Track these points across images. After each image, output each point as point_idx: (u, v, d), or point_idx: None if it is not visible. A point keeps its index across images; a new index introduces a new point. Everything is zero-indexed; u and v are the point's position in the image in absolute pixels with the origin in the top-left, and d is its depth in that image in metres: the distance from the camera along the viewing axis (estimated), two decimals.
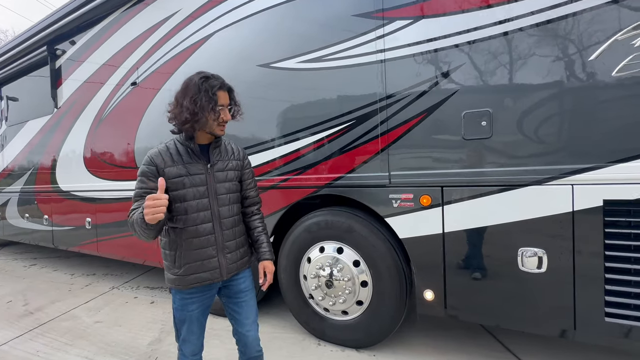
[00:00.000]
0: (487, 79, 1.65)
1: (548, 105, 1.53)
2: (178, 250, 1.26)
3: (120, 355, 2.14)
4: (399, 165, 1.86)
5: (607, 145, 1.43)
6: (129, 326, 2.56)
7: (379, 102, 1.91)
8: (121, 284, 3.58)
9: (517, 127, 1.59)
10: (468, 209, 1.69)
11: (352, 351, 2.10)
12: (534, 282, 1.58)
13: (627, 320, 1.42)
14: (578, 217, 1.47)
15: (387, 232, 1.99)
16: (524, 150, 1.58)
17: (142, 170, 1.24)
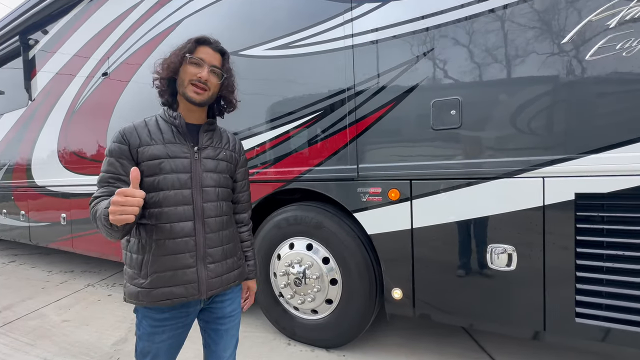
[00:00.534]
0: (457, 65, 1.54)
1: (518, 93, 1.43)
2: (146, 254, 0.97)
3: (81, 356, 2.06)
4: (368, 157, 1.77)
5: (580, 136, 1.33)
6: (97, 325, 2.47)
7: (347, 90, 1.81)
8: (97, 282, 3.49)
9: (487, 116, 1.49)
10: (437, 204, 1.60)
11: (322, 351, 2.02)
12: (504, 280, 1.50)
13: (599, 321, 1.34)
14: (549, 211, 1.38)
15: (356, 227, 1.90)
16: (493, 141, 1.48)
17: (111, 149, 0.97)
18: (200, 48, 1.04)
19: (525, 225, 1.43)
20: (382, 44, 1.70)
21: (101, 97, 3.09)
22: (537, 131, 1.40)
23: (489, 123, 1.49)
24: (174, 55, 1.03)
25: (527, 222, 1.42)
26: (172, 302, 0.98)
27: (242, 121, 2.20)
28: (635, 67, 1.23)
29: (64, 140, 3.47)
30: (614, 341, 1.33)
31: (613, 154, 1.27)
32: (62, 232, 3.56)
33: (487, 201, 1.50)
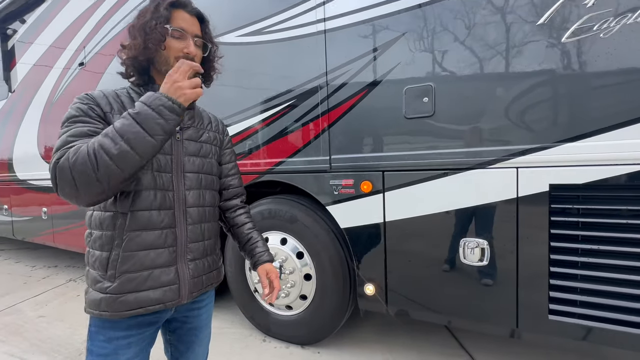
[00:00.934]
0: (431, 50, 1.46)
1: (492, 79, 1.35)
2: (114, 249, 0.80)
3: (51, 353, 2.01)
4: (340, 148, 1.69)
5: (555, 123, 1.26)
6: (71, 321, 2.42)
7: (319, 78, 1.72)
8: (79, 276, 3.44)
9: (460, 103, 1.41)
10: (410, 196, 1.53)
11: (297, 348, 1.97)
12: (477, 276, 1.43)
13: (574, 319, 1.28)
14: (523, 204, 1.31)
15: (330, 221, 1.83)
16: (466, 130, 1.41)
17: (78, 107, 0.78)
18: (175, 14, 0.85)
19: (498, 219, 1.36)
20: (354, 29, 1.62)
21: (78, 88, 3.00)
22: (510, 119, 1.32)
23: (461, 111, 1.41)
24: (148, 27, 0.82)
25: (501, 215, 1.35)
26: (145, 310, 0.80)
27: (215, 111, 2.12)
28: (612, 49, 1.15)
29: (43, 133, 3.39)
30: (592, 340, 1.27)
31: (589, 143, 1.20)
32: (44, 226, 3.50)
33: (460, 193, 1.43)
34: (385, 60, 1.55)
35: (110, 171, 0.68)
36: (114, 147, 0.67)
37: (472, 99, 1.39)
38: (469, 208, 1.41)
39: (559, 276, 1.29)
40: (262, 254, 1.04)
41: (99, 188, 0.69)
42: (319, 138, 1.74)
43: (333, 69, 1.68)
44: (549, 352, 1.80)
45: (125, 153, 0.68)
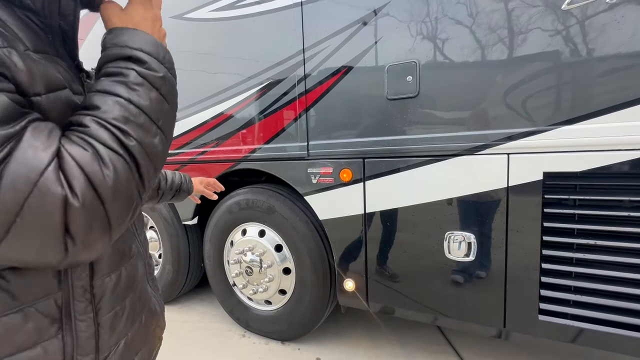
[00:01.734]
0: (414, 22, 1.31)
1: (481, 55, 1.21)
2: (97, 310, 0.51)
3: None
4: (318, 133, 1.56)
5: (550, 104, 1.12)
6: None
7: (296, 55, 1.57)
8: None
9: (447, 82, 1.27)
10: (391, 186, 1.40)
11: (277, 344, 1.89)
12: (462, 272, 1.32)
13: (565, 320, 1.17)
14: (513, 194, 1.19)
15: (309, 212, 1.71)
16: (454, 112, 1.27)
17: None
18: None
19: (486, 210, 1.24)
20: (332, 1, 1.46)
21: None
22: (502, 100, 1.18)
23: (448, 91, 1.27)
24: None
25: (489, 206, 1.23)
26: None
27: (186, 95, 1.97)
28: (619, 17, 1.00)
29: None
30: (584, 342, 1.16)
31: (588, 126, 1.06)
32: None
33: (445, 183, 1.30)
34: (366, 34, 1.40)
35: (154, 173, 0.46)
36: (159, 142, 0.46)
37: (459, 77, 1.25)
38: (455, 199, 1.28)
39: (551, 273, 1.18)
40: (184, 183, 1.00)
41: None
42: (296, 122, 1.60)
43: (311, 46, 1.53)
44: (537, 350, 1.71)
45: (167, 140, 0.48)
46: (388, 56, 1.36)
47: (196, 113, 1.94)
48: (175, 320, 2.18)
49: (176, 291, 2.31)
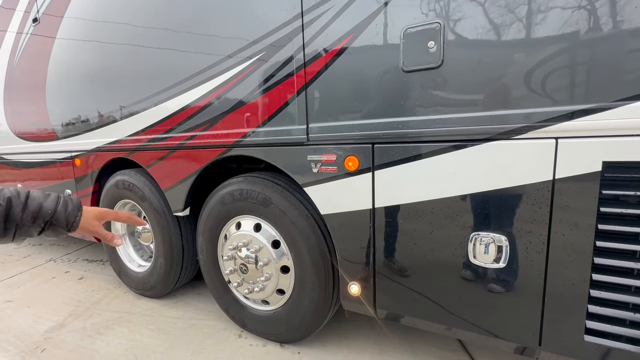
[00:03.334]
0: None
1: (525, 11, 0.94)
2: None
3: (4, 345, 1.83)
4: (320, 114, 1.33)
5: (616, 73, 0.86)
6: (39, 307, 2.24)
7: (293, 21, 1.32)
8: (60, 256, 3.27)
9: (478, 48, 1.01)
10: (406, 176, 1.18)
11: (275, 346, 1.73)
12: (490, 280, 1.11)
13: (618, 342, 0.96)
14: (561, 188, 0.95)
15: (310, 205, 1.51)
16: (487, 86, 1.02)
17: None
18: None
19: (524, 208, 1.01)
20: None
21: (36, 49, 2.63)
22: (549, 70, 0.93)
23: (480, 60, 1.01)
24: None
25: (528, 203, 1.00)
26: None
27: (170, 74, 1.75)
28: None
29: (8, 102, 3.08)
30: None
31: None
32: None
33: (472, 173, 1.07)
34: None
35: None
36: None
37: (495, 42, 0.99)
38: (485, 193, 1.05)
39: (604, 286, 0.95)
40: (56, 204, 0.70)
41: None
42: (294, 101, 1.37)
43: (310, 8, 1.27)
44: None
45: None
46: (405, 17, 1.10)
47: (183, 92, 1.72)
48: (168, 316, 2.05)
49: (170, 285, 2.16)
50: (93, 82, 2.21)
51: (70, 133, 2.47)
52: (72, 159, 2.52)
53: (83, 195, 2.53)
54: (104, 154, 2.28)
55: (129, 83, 1.99)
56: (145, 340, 1.82)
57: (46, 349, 1.78)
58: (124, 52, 1.97)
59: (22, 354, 1.75)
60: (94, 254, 3.29)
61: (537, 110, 0.95)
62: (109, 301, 2.29)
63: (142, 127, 1.97)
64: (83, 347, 1.79)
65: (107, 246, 2.47)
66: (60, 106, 2.51)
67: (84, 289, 2.49)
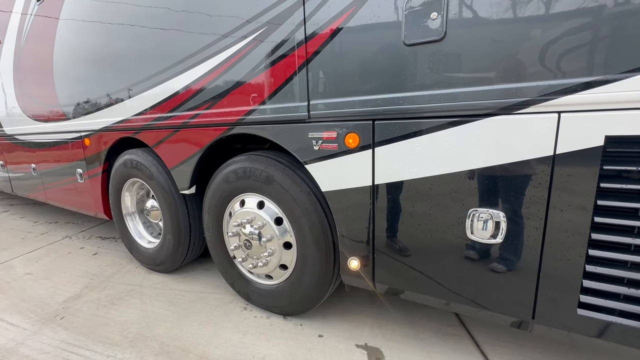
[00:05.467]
0: None
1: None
2: None
3: (26, 313, 1.95)
4: (321, 91, 1.32)
5: (622, 44, 0.83)
6: (57, 279, 2.37)
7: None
8: (75, 233, 3.41)
9: (482, 19, 0.98)
10: (406, 153, 1.18)
11: (278, 318, 1.81)
12: (486, 255, 1.12)
13: (611, 316, 0.97)
14: (561, 163, 0.94)
15: (311, 182, 1.53)
16: (489, 59, 0.99)
17: None
18: None
19: (522, 184, 1.00)
20: None
21: (41, 29, 2.64)
22: (553, 41, 0.90)
23: (484, 31, 0.98)
24: None
25: (526, 178, 0.99)
26: None
27: (172, 53, 1.74)
28: None
29: (18, 84, 3.13)
30: (632, 343, 0.97)
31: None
32: (35, 183, 3.41)
33: (472, 149, 1.06)
34: None
35: None
36: None
37: (497, 13, 0.96)
38: (483, 169, 1.05)
39: (599, 262, 0.96)
40: None
41: None
42: (294, 78, 1.36)
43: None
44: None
45: None
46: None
47: (185, 71, 1.72)
48: (177, 289, 2.15)
49: (179, 261, 2.25)
50: (99, 62, 2.23)
51: (78, 113, 2.52)
52: (81, 138, 2.58)
53: (93, 175, 2.60)
54: (111, 134, 2.32)
55: (132, 63, 2.00)
56: (157, 310, 1.92)
57: (65, 317, 1.90)
58: (127, 32, 1.96)
59: (43, 320, 1.87)
60: (106, 232, 3.42)
61: (540, 84, 0.93)
62: (122, 275, 2.40)
63: (147, 107, 1.99)
64: (98, 316, 1.90)
65: (119, 224, 2.56)
66: (68, 87, 2.54)
67: (97, 264, 2.61)
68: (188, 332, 1.72)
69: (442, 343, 1.58)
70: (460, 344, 1.58)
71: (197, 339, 1.66)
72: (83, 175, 2.70)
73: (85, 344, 1.65)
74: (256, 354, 1.54)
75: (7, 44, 3.09)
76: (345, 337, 1.64)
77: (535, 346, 1.54)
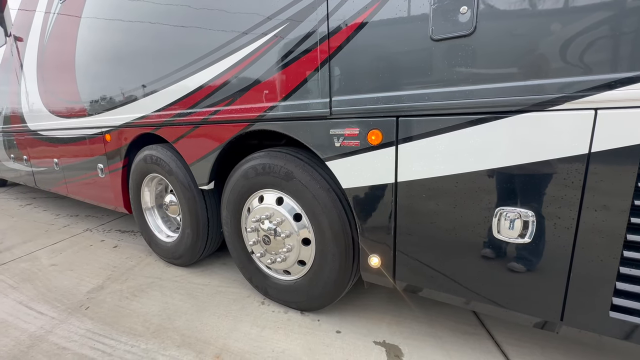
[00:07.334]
0: None
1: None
2: None
3: (53, 302, 2.03)
4: (343, 87, 1.31)
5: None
6: (80, 271, 2.45)
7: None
8: (95, 226, 3.51)
9: (514, 12, 0.95)
10: (431, 150, 1.16)
11: (296, 314, 1.83)
12: (514, 255, 1.10)
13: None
14: (596, 162, 0.91)
15: (331, 179, 1.53)
16: (522, 54, 0.96)
17: None
18: None
19: (555, 183, 0.98)
20: None
21: (63, 27, 2.70)
22: (591, 36, 0.86)
23: (516, 25, 0.95)
24: None
25: (560, 177, 0.97)
26: None
27: (193, 50, 1.76)
28: None
29: (41, 81, 3.22)
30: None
31: None
32: (57, 177, 3.52)
33: (500, 147, 1.04)
34: None
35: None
36: None
37: (531, 5, 0.93)
38: (514, 167, 1.03)
39: (635, 264, 0.93)
40: None
41: None
42: (316, 74, 1.35)
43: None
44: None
45: None
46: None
47: (206, 68, 1.73)
48: (195, 283, 2.19)
49: (197, 255, 2.29)
50: (120, 60, 2.27)
51: (100, 109, 2.57)
52: (102, 134, 2.64)
53: (114, 169, 2.67)
54: (132, 130, 2.37)
55: (153, 60, 2.03)
56: (176, 303, 1.97)
57: (89, 307, 1.97)
58: (149, 29, 1.99)
59: (69, 310, 1.94)
60: (125, 225, 3.51)
61: (576, 80, 0.90)
62: (142, 268, 2.46)
63: (167, 103, 2.02)
64: (121, 307, 1.96)
65: (139, 218, 2.62)
66: (90, 84, 2.60)
67: (118, 256, 2.69)
68: (208, 324, 1.75)
69: (461, 342, 1.57)
70: (480, 343, 1.56)
71: (217, 331, 1.69)
72: (104, 170, 2.77)
73: (110, 334, 1.71)
74: (275, 347, 1.56)
75: (30, 42, 3.18)
76: (362, 333, 1.65)
77: (557, 347, 1.51)
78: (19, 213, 4.23)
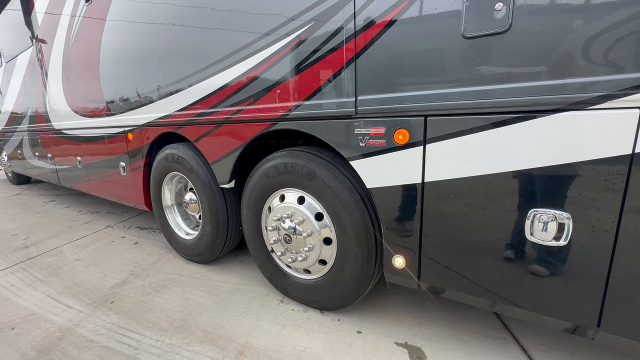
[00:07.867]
0: None
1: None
2: None
3: (80, 296, 2.09)
4: (369, 86, 1.30)
5: None
6: (104, 266, 2.52)
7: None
8: (116, 223, 3.60)
9: (552, 10, 0.92)
10: (461, 149, 1.14)
11: (315, 313, 1.83)
12: (548, 258, 1.07)
13: None
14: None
15: (354, 179, 1.52)
16: (560, 51, 0.93)
17: None
18: None
19: (594, 184, 0.95)
20: None
21: (88, 29, 2.78)
22: (636, 31, 0.83)
23: (553, 21, 0.93)
24: None
25: (600, 179, 0.93)
26: None
27: (216, 50, 1.77)
28: None
29: (66, 81, 3.32)
30: None
31: None
32: (80, 175, 3.63)
33: (536, 147, 1.01)
34: None
35: None
36: None
37: (572, 2, 0.90)
38: (549, 168, 1.00)
39: None
40: None
41: None
42: (342, 73, 1.35)
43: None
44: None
45: None
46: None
47: (229, 67, 1.75)
48: (215, 280, 2.22)
49: (216, 252, 2.32)
50: (143, 61, 2.32)
51: (122, 109, 2.64)
52: (124, 133, 2.71)
53: (136, 168, 2.73)
54: (154, 129, 2.42)
55: (176, 60, 2.06)
56: (197, 299, 2.00)
57: (114, 301, 2.02)
58: (172, 30, 2.02)
59: (95, 304, 2.00)
60: (145, 222, 3.59)
61: (620, 77, 0.86)
62: (162, 264, 2.51)
63: (189, 103, 2.05)
64: (144, 302, 2.00)
65: (159, 215, 2.68)
66: (114, 84, 2.66)
67: (139, 253, 2.75)
68: (229, 321, 1.77)
69: (486, 346, 1.54)
70: (505, 347, 1.53)
71: (239, 328, 1.71)
72: (126, 168, 2.84)
73: (135, 328, 1.75)
74: (297, 346, 1.57)
75: (56, 44, 3.28)
76: (384, 334, 1.64)
77: (587, 354, 1.47)
78: (43, 209, 4.38)
